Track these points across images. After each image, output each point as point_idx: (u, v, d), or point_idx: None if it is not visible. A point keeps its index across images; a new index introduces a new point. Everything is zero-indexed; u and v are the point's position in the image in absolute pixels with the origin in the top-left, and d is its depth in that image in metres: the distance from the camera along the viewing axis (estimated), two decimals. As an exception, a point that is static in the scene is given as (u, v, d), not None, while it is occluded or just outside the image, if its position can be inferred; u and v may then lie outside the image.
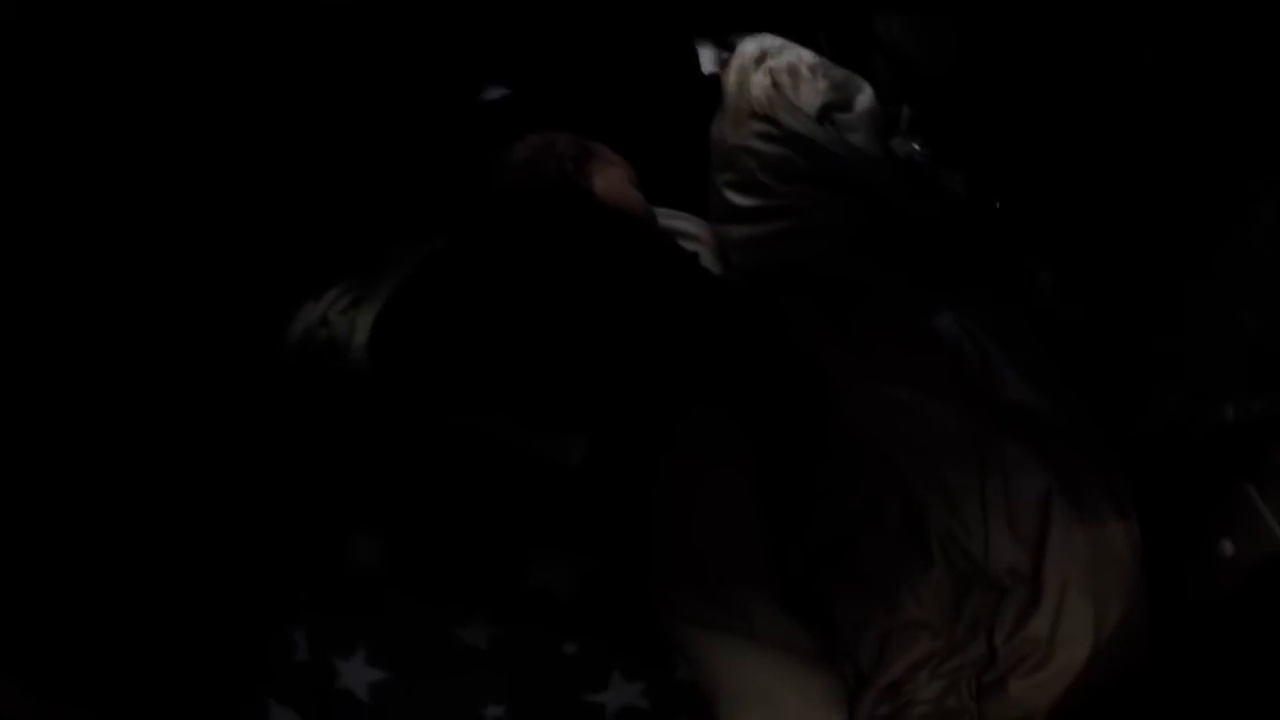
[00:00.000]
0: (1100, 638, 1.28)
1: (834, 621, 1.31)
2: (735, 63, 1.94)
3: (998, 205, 1.59)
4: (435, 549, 1.14)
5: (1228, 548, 1.33)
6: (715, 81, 1.97)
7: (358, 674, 1.07)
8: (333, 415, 1.47)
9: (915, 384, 1.36)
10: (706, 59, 2.08)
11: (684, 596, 1.26)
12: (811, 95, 1.81)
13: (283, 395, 1.54)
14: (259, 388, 1.54)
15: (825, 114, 1.78)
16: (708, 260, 1.81)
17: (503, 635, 1.08)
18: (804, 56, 1.92)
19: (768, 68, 1.86)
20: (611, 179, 1.80)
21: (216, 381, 1.49)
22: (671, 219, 1.96)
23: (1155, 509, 1.40)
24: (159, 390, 1.44)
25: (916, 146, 1.71)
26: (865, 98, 1.84)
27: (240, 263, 1.65)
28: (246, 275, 1.65)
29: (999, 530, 1.27)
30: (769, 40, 1.96)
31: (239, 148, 1.72)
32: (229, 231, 1.66)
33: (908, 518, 1.30)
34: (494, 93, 2.11)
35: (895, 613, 1.27)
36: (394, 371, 1.54)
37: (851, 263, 1.51)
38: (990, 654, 1.28)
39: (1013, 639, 1.27)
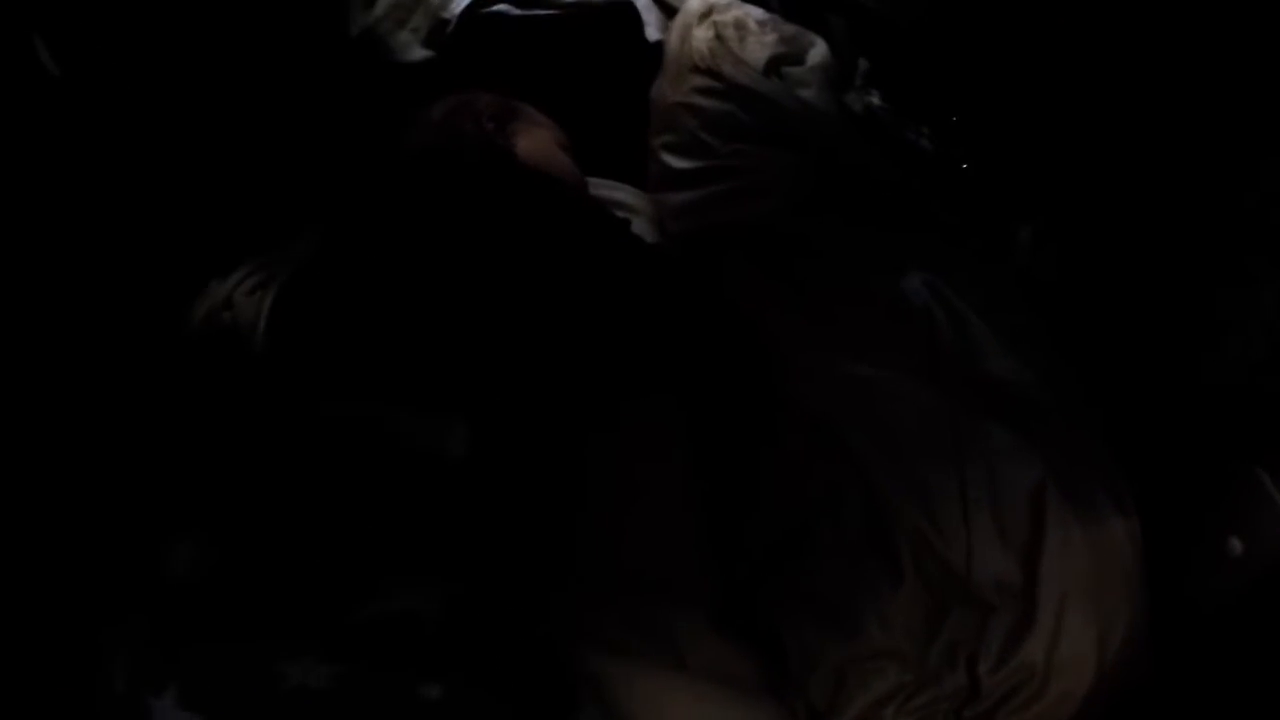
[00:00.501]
0: (1104, 660, 1.02)
1: (782, 647, 1.03)
2: (679, 20, 1.68)
3: (966, 163, 1.33)
4: (266, 560, 0.85)
5: (1236, 546, 1.11)
6: (659, 49, 1.72)
7: (169, 717, 0.79)
8: (228, 406, 1.24)
9: (879, 356, 1.08)
10: (653, 27, 1.82)
11: (599, 618, 0.99)
12: (759, 49, 1.55)
13: (176, 383, 1.33)
14: (149, 374, 1.34)
15: (773, 67, 1.52)
16: (641, 230, 1.54)
17: (345, 674, 0.79)
18: (753, 12, 1.66)
19: (712, 21, 1.60)
20: (536, 141, 1.53)
21: (98, 366, 1.32)
22: (607, 189, 1.69)
23: (1153, 502, 1.16)
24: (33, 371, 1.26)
25: (875, 100, 1.45)
26: (818, 51, 1.58)
27: (139, 239, 1.48)
28: (146, 253, 1.48)
29: (983, 533, 0.99)
30: None
31: (139, 115, 1.54)
32: (126, 205, 1.49)
33: (870, 518, 1.02)
34: (416, 53, 1.83)
35: (855, 638, 1.00)
36: (287, 357, 1.28)
37: (803, 221, 1.24)
38: (973, 685, 1.00)
39: (1001, 667, 1.00)
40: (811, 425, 1.06)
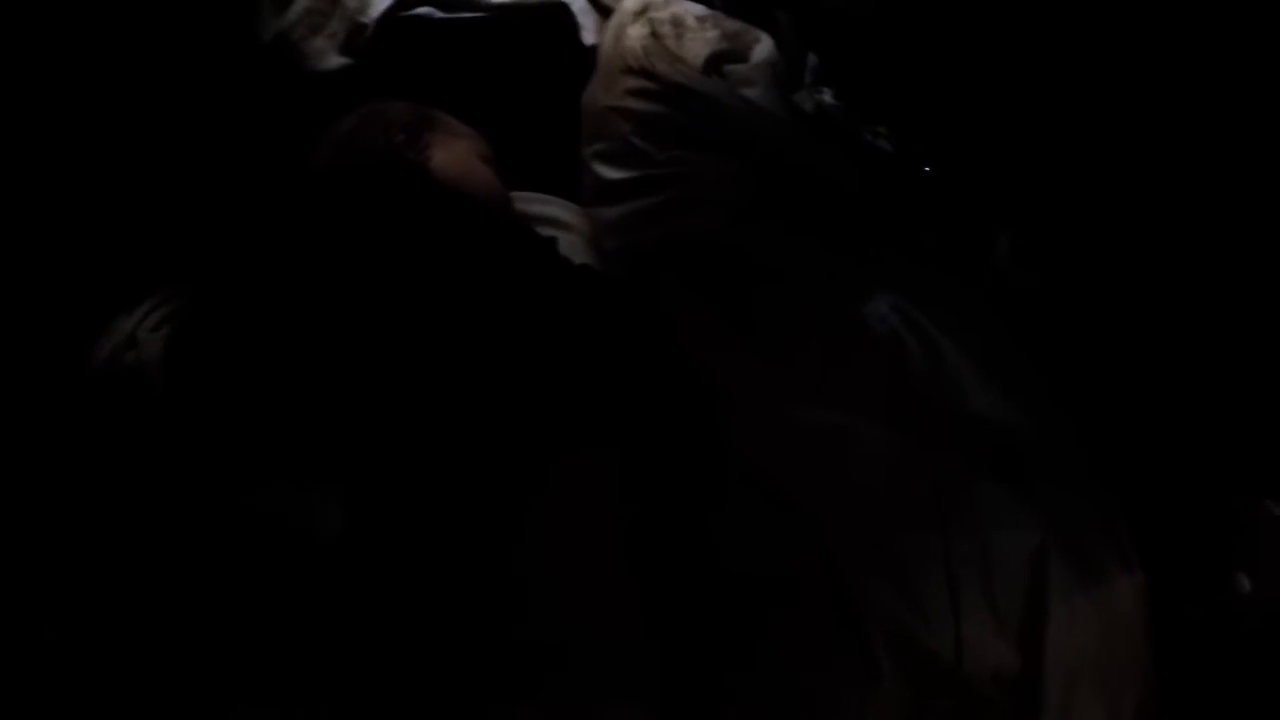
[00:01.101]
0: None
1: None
2: (613, 19, 1.47)
3: (929, 165, 1.13)
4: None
5: (1244, 583, 0.97)
6: (596, 53, 1.50)
7: None
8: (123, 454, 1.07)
9: (844, 400, 0.87)
10: (589, 30, 1.60)
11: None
12: (698, 45, 1.34)
13: (71, 430, 1.15)
14: (47, 423, 1.17)
15: (714, 65, 1.31)
16: (574, 249, 1.33)
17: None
18: (692, 8, 1.45)
19: (648, 18, 1.39)
20: (454, 152, 1.31)
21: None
22: (537, 204, 1.48)
23: (1151, 542, 0.98)
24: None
25: (827, 98, 1.24)
26: (764, 47, 1.37)
27: (36, 270, 1.32)
28: (44, 287, 1.32)
29: (975, 617, 0.78)
30: None
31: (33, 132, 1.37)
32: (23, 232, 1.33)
33: (837, 600, 0.81)
34: (332, 61, 1.61)
35: (822, 750, 0.78)
36: (183, 408, 1.07)
37: (751, 235, 1.02)
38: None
39: (1000, 768, 0.79)
40: (763, 485, 0.83)
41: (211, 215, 1.43)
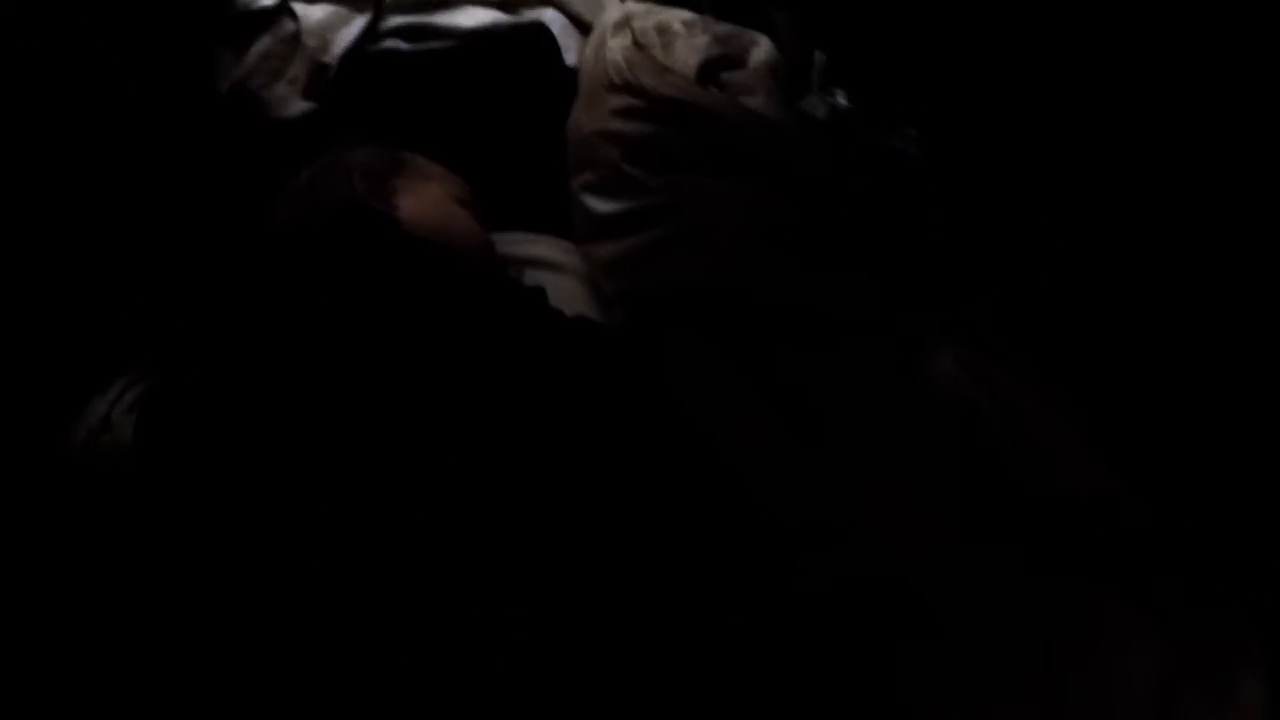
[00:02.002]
0: None
1: None
2: (593, 35, 1.25)
3: (968, 170, 0.90)
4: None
5: None
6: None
7: None
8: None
9: (903, 495, 0.64)
10: (571, 51, 1.39)
11: None
12: (688, 53, 1.12)
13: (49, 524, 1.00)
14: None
15: (709, 74, 1.09)
16: (570, 293, 1.12)
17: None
18: (678, 14, 1.24)
19: (629, 29, 1.17)
20: (425, 197, 1.11)
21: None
22: (526, 245, 1.27)
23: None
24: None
25: (841, 101, 1.02)
26: (763, 50, 1.16)
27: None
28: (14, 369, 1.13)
29: None
30: (635, 5, 1.27)
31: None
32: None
33: None
34: (296, 107, 1.40)
35: None
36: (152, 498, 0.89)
37: (771, 272, 0.80)
38: None
39: None
40: (807, 614, 0.60)
41: (177, 283, 1.22)
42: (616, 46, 1.11)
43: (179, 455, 0.92)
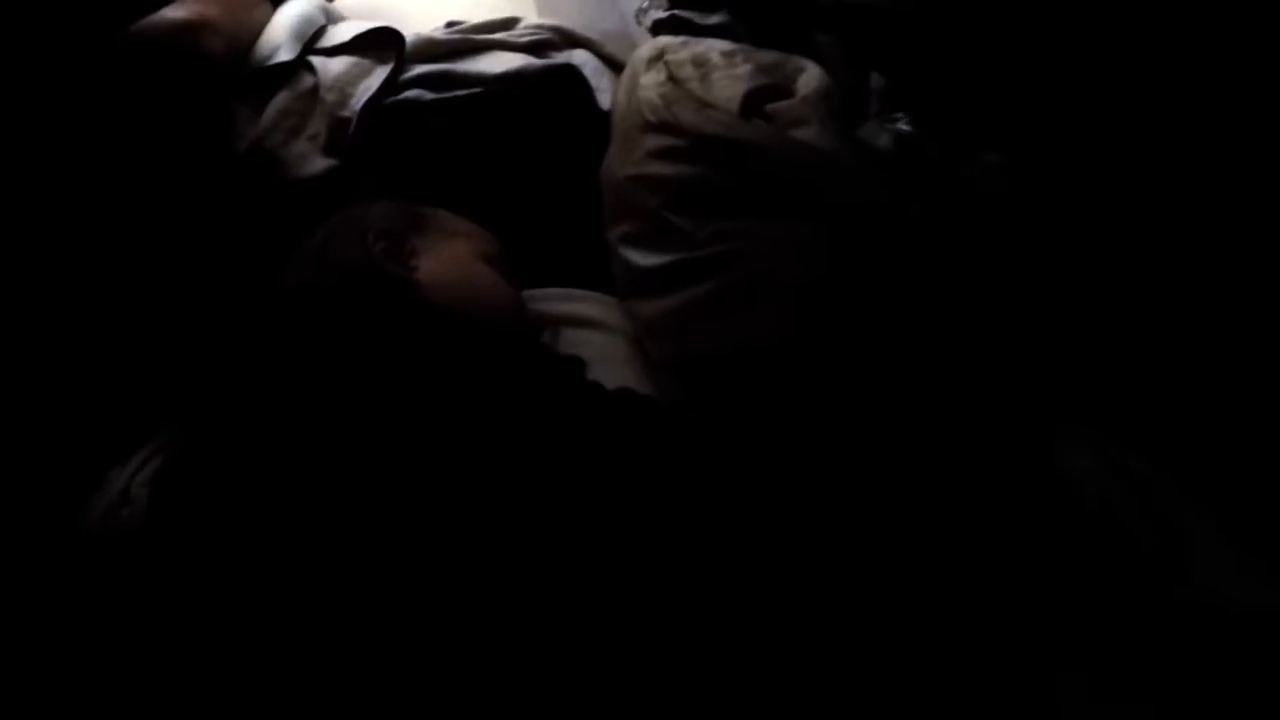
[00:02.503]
0: None
1: None
2: (625, 73, 1.13)
3: (1057, 203, 0.75)
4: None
5: None
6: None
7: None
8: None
9: (1037, 634, 0.49)
10: (605, 93, 1.27)
11: None
12: (729, 85, 0.99)
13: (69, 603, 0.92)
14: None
15: (753, 106, 0.96)
16: (613, 356, 0.98)
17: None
18: (715, 44, 1.11)
19: (663, 63, 1.05)
20: (447, 256, 0.99)
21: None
22: (565, 302, 1.14)
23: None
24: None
25: (904, 126, 0.87)
26: (811, 76, 1.02)
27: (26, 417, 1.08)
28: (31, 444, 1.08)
29: None
30: (668, 39, 1.14)
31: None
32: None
33: None
34: (317, 164, 1.30)
35: None
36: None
37: (843, 335, 0.65)
38: None
39: None
40: None
41: (193, 350, 1.12)
42: (651, 83, 0.98)
43: (187, 532, 0.83)
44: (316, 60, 1.31)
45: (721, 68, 1.02)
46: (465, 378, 0.80)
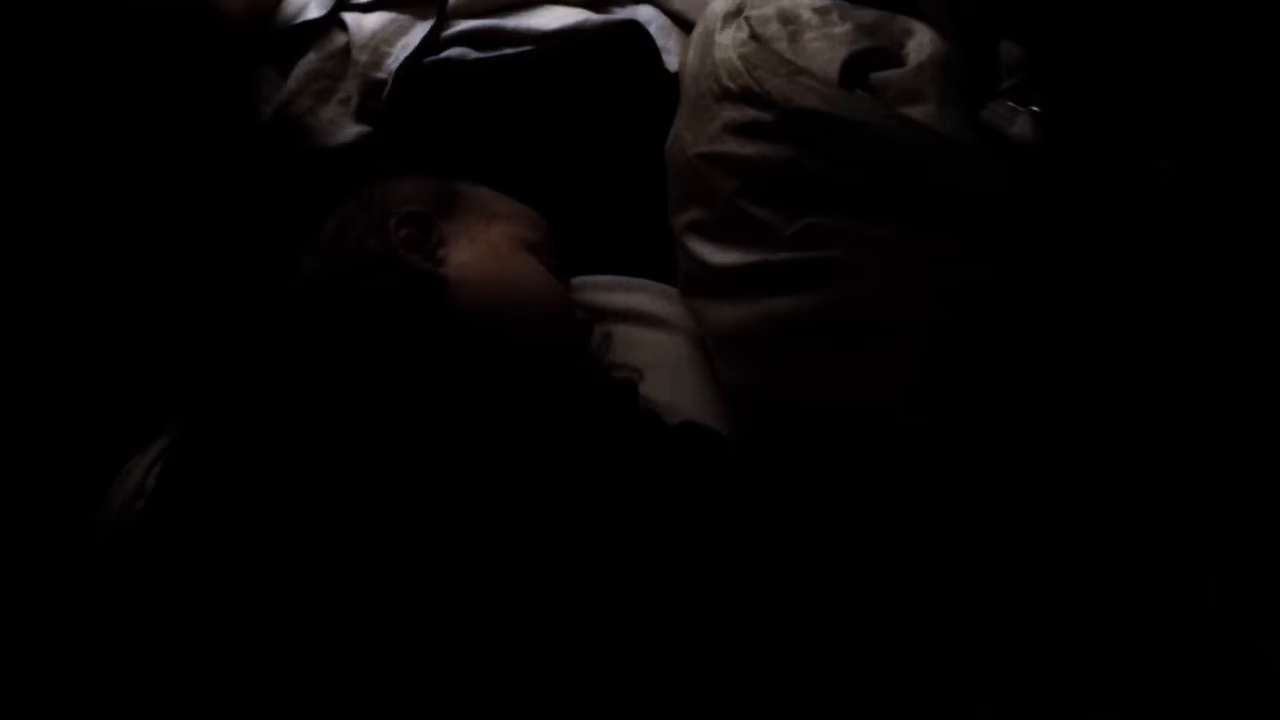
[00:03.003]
0: None
1: None
2: (698, 29, 0.94)
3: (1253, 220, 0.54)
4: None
5: None
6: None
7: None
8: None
9: None
10: (673, 54, 1.09)
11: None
12: (824, 47, 0.80)
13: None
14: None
15: (854, 75, 0.77)
16: (673, 364, 0.82)
17: None
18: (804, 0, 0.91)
19: (744, 18, 0.86)
20: (482, 245, 0.83)
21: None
22: (620, 293, 0.98)
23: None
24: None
25: (1044, 112, 0.67)
26: (924, 42, 0.82)
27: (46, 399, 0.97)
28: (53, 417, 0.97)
29: None
30: None
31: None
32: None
33: None
34: (348, 132, 1.14)
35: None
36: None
37: (1011, 407, 0.47)
38: None
39: None
40: None
41: (210, 339, 0.98)
42: (729, 42, 0.80)
43: (183, 532, 0.72)
44: (349, 17, 1.15)
45: (814, 26, 0.83)
46: (486, 399, 0.65)
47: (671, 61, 1.07)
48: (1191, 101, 0.59)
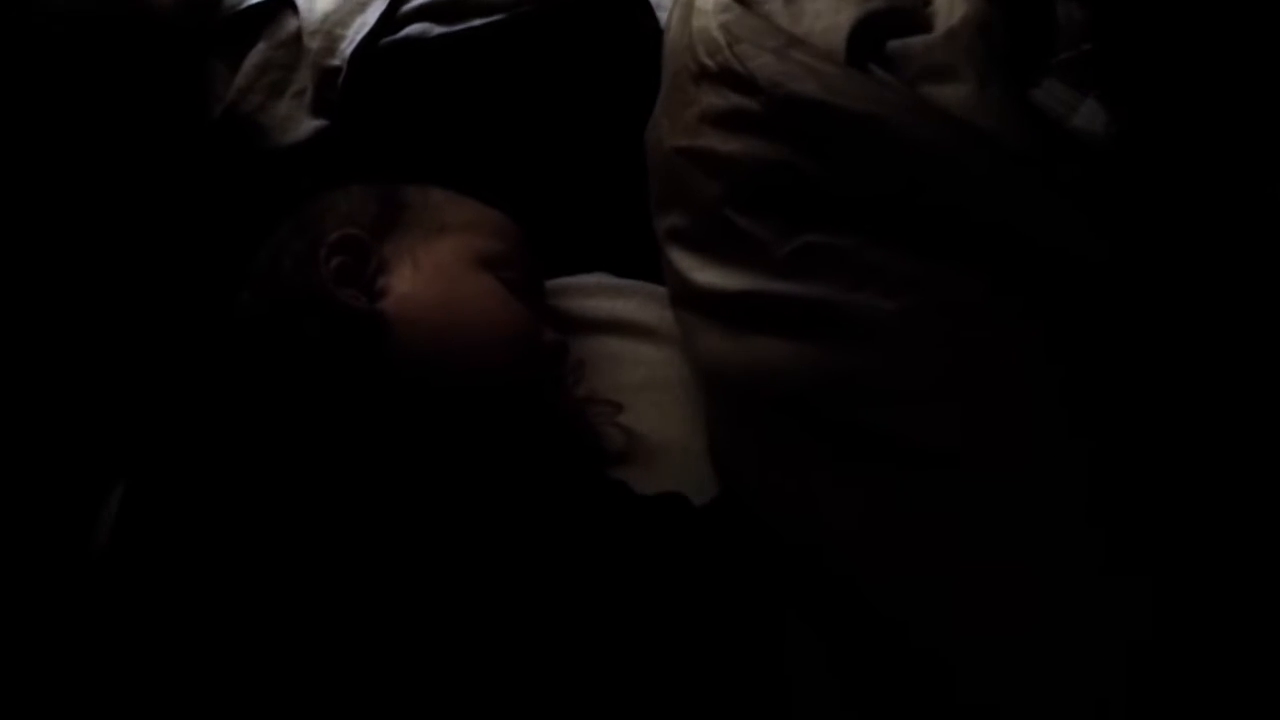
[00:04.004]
0: None
1: None
2: (680, -8, 0.77)
3: None
4: None
5: None
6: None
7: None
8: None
9: None
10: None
11: None
12: (828, 10, 0.63)
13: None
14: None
15: (865, 46, 0.59)
16: (667, 398, 0.68)
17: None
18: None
19: None
20: (429, 269, 0.68)
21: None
22: (610, 298, 0.82)
23: None
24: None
25: (1113, 102, 0.49)
26: (953, 3, 0.64)
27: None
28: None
29: None
30: None
31: None
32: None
33: None
34: (304, 127, 1.00)
35: None
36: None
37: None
38: None
39: None
40: None
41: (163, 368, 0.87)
42: (711, 7, 0.63)
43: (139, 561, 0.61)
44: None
45: (814, -14, 0.65)
46: (424, 459, 0.51)
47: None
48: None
